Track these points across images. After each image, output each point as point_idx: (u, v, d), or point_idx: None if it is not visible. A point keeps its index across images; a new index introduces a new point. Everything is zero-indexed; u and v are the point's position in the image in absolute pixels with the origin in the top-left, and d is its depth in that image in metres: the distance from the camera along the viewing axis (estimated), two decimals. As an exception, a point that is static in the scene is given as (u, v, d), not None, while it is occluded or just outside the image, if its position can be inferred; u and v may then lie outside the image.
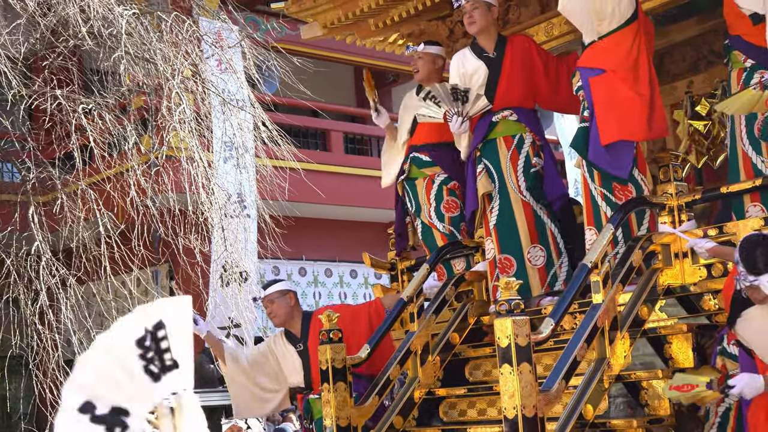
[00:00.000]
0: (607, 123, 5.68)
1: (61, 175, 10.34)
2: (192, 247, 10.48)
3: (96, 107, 10.08)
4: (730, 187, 5.52)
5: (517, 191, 6.60)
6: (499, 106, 6.68)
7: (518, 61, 6.68)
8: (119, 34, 10.14)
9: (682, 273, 5.59)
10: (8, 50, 9.80)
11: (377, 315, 6.82)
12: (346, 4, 7.36)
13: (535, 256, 6.56)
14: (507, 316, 4.78)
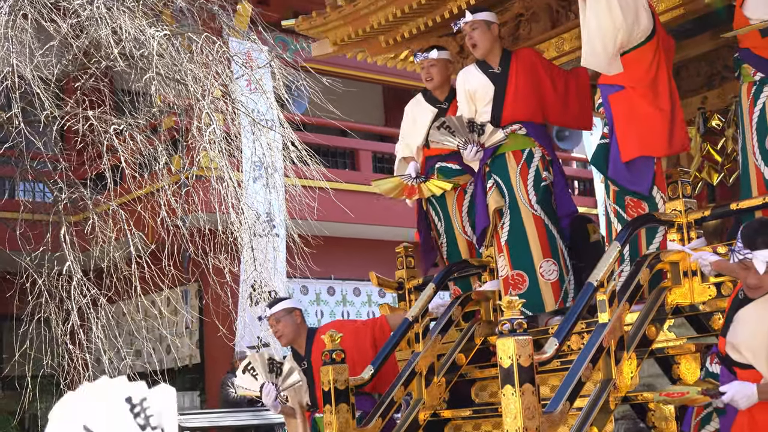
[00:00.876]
0: (628, 139, 5.62)
1: (92, 195, 10.42)
2: (222, 267, 10.52)
3: (127, 128, 10.15)
4: (741, 204, 5.41)
5: (527, 205, 6.53)
6: (507, 120, 6.60)
7: (524, 74, 6.60)
8: (150, 55, 10.23)
9: (691, 292, 5.50)
10: (41, 72, 9.90)
11: (382, 334, 6.70)
12: (356, 21, 7.32)
13: (548, 270, 6.49)
14: (509, 336, 4.71)
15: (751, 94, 5.36)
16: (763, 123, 5.31)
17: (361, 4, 7.11)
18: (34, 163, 10.62)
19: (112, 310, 10.14)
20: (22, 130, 9.57)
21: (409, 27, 7.26)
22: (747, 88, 5.45)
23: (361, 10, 7.18)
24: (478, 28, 6.51)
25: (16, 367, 10.36)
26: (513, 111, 6.57)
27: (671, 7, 6.09)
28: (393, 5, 6.97)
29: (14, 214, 10.98)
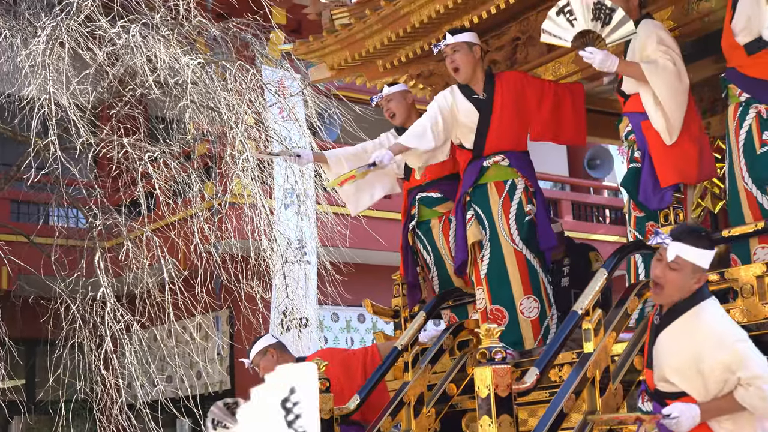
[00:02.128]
0: (665, 166, 5.47)
1: (126, 221, 10.51)
2: (253, 294, 10.56)
3: (161, 155, 10.25)
4: (733, 230, 5.24)
5: (509, 240, 6.25)
6: (490, 150, 6.30)
7: (510, 100, 6.28)
8: (185, 83, 10.35)
9: None
10: (77, 99, 10.03)
11: (372, 362, 6.51)
12: (353, 45, 7.22)
13: (529, 307, 6.22)
14: (487, 365, 4.59)
15: (737, 116, 5.23)
16: (750, 145, 5.19)
17: (356, 28, 7.03)
18: (69, 189, 10.73)
19: (145, 335, 10.21)
20: (59, 157, 9.68)
21: (406, 51, 7.14)
22: (733, 109, 5.28)
23: (357, 35, 7.09)
24: (459, 51, 6.20)
25: (50, 392, 10.45)
26: (497, 141, 6.29)
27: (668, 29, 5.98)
28: (387, 29, 6.87)
29: (49, 239, 11.10)
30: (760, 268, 4.94)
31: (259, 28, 11.14)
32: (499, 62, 7.03)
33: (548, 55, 6.76)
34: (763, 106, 5.11)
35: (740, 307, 4.92)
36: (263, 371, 6.50)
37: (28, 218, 13.98)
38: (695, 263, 4.06)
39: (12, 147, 13.21)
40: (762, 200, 5.13)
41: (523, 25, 6.89)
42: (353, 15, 7.08)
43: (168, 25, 10.58)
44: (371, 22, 6.88)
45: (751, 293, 4.90)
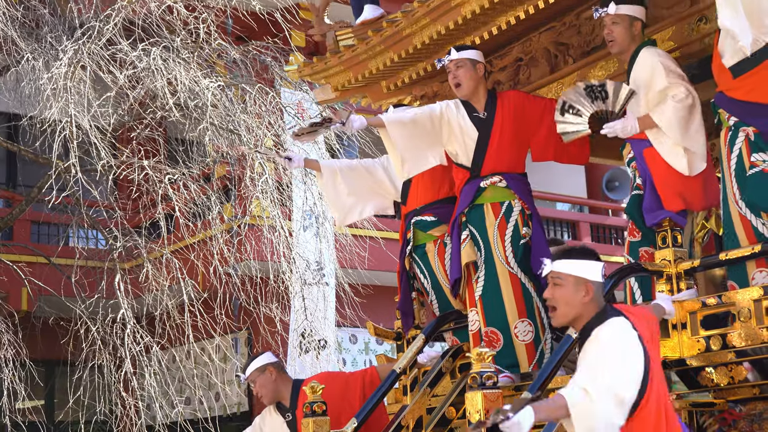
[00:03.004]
0: (670, 194, 5.42)
1: (146, 243, 10.56)
2: (272, 315, 10.59)
3: (181, 177, 10.31)
4: (730, 254, 5.18)
5: (504, 262, 6.19)
6: (488, 171, 6.23)
7: (510, 120, 6.24)
8: (205, 105, 10.42)
9: (680, 345, 5.27)
10: (98, 122, 10.11)
11: (371, 385, 6.42)
12: (356, 66, 7.22)
13: (524, 330, 6.15)
14: (478, 390, 4.55)
15: (728, 140, 5.19)
16: (741, 168, 5.14)
17: (360, 49, 7.05)
18: (90, 210, 10.80)
19: (164, 357, 10.24)
20: (79, 179, 9.75)
21: (409, 72, 7.14)
22: (724, 133, 5.23)
23: (360, 56, 7.10)
24: (463, 67, 6.17)
25: (69, 413, 10.48)
26: (495, 162, 6.23)
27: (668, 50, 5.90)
28: (390, 51, 6.88)
29: (69, 260, 11.17)
30: (757, 292, 4.89)
31: (279, 51, 11.21)
32: (503, 83, 7.00)
33: (551, 75, 6.73)
34: (750, 129, 5.07)
35: (738, 332, 4.87)
36: (260, 389, 6.46)
37: (48, 239, 14.06)
38: (576, 275, 4.09)
39: (33, 169, 13.32)
40: (756, 223, 5.09)
41: (525, 46, 6.85)
42: (357, 36, 7.10)
43: (188, 48, 10.67)
44: (374, 44, 6.90)
45: (748, 317, 4.84)
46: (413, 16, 6.46)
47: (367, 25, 7.07)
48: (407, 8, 6.58)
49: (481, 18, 6.27)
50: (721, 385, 4.99)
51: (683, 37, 5.74)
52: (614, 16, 5.53)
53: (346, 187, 6.82)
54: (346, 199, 6.84)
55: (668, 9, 5.79)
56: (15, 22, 10.72)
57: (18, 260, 11.56)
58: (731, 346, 4.87)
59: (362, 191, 6.86)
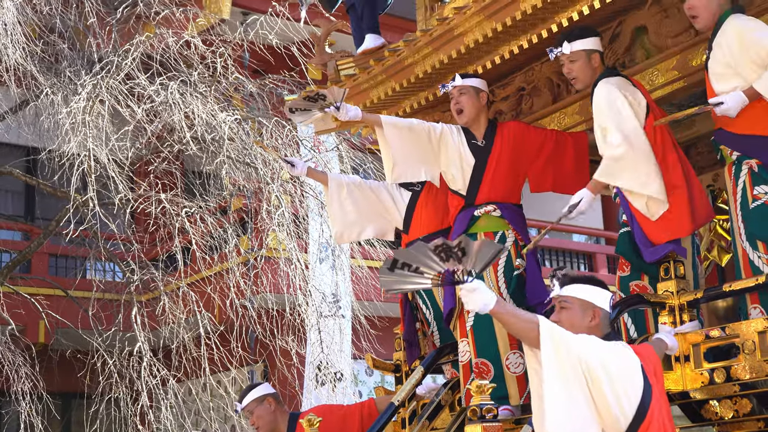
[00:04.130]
0: (654, 229, 5.30)
1: (163, 276, 10.60)
2: (288, 348, 10.59)
3: (198, 210, 10.36)
4: (733, 285, 5.08)
5: (496, 293, 6.18)
6: (483, 200, 6.17)
7: (508, 150, 6.19)
8: (222, 139, 10.49)
9: (684, 378, 5.10)
10: (116, 155, 10.19)
11: (369, 418, 6.32)
12: (358, 96, 7.14)
13: (515, 362, 6.04)
14: (477, 423, 4.49)
15: (732, 175, 5.12)
16: (746, 203, 5.07)
17: (361, 79, 7.00)
18: (107, 244, 10.85)
19: (181, 390, 10.24)
20: (97, 213, 9.81)
21: (411, 101, 7.07)
22: (728, 169, 5.16)
23: (361, 85, 7.04)
24: (466, 94, 6.17)
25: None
26: (490, 191, 6.18)
27: (672, 80, 5.82)
28: (392, 80, 6.81)
29: (86, 293, 11.20)
30: (762, 324, 4.81)
31: (295, 84, 11.28)
32: (505, 112, 6.94)
33: (553, 105, 6.69)
34: (754, 161, 5.03)
35: (742, 364, 4.79)
36: (257, 420, 6.36)
37: (65, 272, 14.12)
38: (583, 299, 4.11)
39: (51, 202, 13.40)
40: (753, 257, 5.03)
41: (528, 76, 6.81)
42: (358, 65, 7.07)
43: (205, 82, 10.76)
44: (375, 73, 6.86)
45: (753, 350, 4.77)
46: (415, 45, 6.43)
47: (368, 54, 7.04)
48: (409, 37, 6.55)
49: (484, 47, 6.25)
50: (725, 419, 4.93)
51: (687, 67, 5.70)
52: (570, 55, 5.50)
53: (351, 203, 6.72)
54: (348, 215, 6.74)
55: (672, 38, 5.72)
56: (34, 57, 10.84)
57: (36, 293, 11.61)
58: (735, 379, 4.80)
59: (365, 210, 6.76)
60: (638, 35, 5.93)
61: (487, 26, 6.00)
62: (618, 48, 6.02)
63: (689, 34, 5.65)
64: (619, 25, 5.95)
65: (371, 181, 6.95)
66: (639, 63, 5.87)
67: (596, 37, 5.58)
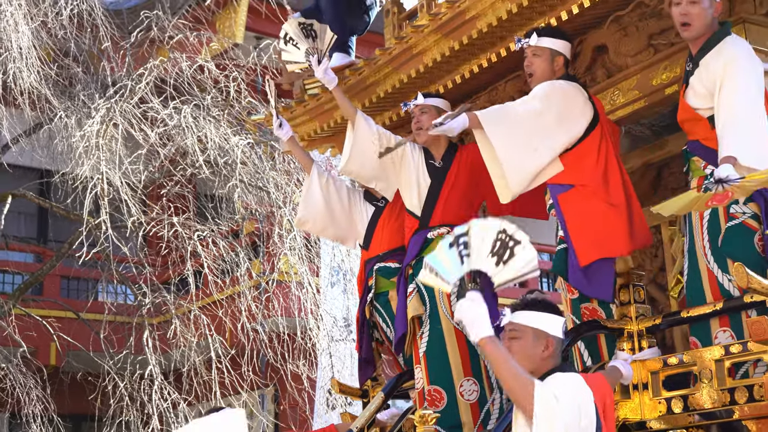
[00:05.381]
0: (584, 242, 5.10)
1: (175, 299, 10.62)
2: (299, 372, 10.58)
3: (210, 234, 10.38)
4: (692, 311, 4.87)
5: (449, 317, 5.90)
6: (437, 222, 6.02)
7: (466, 172, 6.10)
8: (234, 162, 10.52)
9: (642, 407, 4.88)
10: (129, 178, 10.23)
11: None
12: (322, 116, 6.96)
13: (468, 390, 5.88)
14: None
15: (702, 190, 4.77)
16: (715, 220, 4.83)
17: (324, 98, 6.81)
18: (119, 266, 10.88)
19: (191, 413, 10.23)
20: (110, 236, 9.84)
21: (376, 121, 6.87)
22: (697, 183, 4.87)
23: (324, 105, 6.85)
24: (427, 113, 6.04)
25: (97, 469, 10.49)
26: (444, 213, 6.04)
27: (633, 99, 5.64)
28: (354, 99, 6.51)
29: (98, 315, 11.22)
30: (718, 352, 4.63)
31: (307, 109, 11.32)
32: (470, 133, 6.81)
33: None
34: None
35: (700, 393, 4.63)
36: None
37: (77, 295, 14.16)
38: (536, 327, 3.87)
39: (64, 225, 13.44)
40: (722, 279, 4.78)
41: (492, 95, 6.58)
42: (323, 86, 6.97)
43: (219, 106, 10.81)
44: None
45: (710, 378, 4.59)
46: (376, 64, 6.29)
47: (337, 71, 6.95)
48: (371, 57, 6.42)
49: (444, 66, 6.13)
50: None
51: (648, 86, 5.52)
52: (535, 48, 5.35)
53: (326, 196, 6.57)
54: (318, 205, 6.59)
55: (632, 57, 5.54)
56: (49, 80, 10.90)
57: (47, 315, 11.64)
58: (693, 409, 4.63)
59: (336, 210, 6.62)
60: (598, 54, 5.77)
61: (445, 45, 5.88)
62: (579, 67, 5.78)
63: (648, 52, 5.48)
64: (580, 44, 5.74)
65: (349, 185, 6.87)
66: (600, 82, 5.70)
67: (566, 41, 5.45)
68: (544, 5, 5.43)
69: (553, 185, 5.29)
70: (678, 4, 4.76)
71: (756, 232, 4.68)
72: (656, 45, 5.35)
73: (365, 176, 6.21)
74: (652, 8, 5.34)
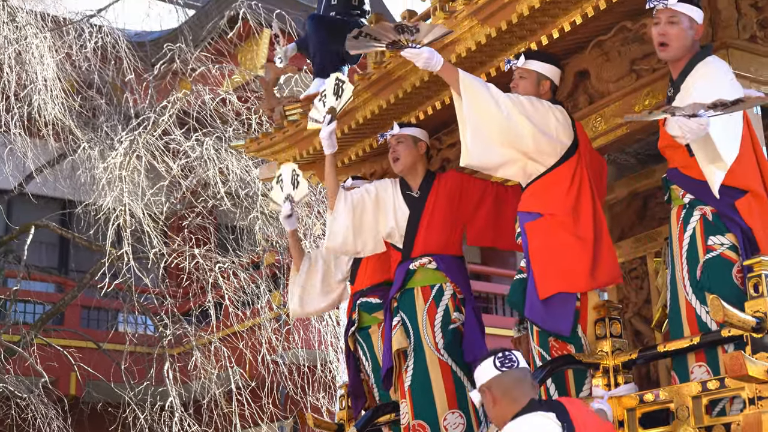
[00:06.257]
0: (545, 274, 4.95)
1: (195, 331, 10.65)
2: (319, 405, 10.57)
3: (231, 265, 10.42)
4: (668, 345, 4.73)
5: (433, 349, 5.80)
6: (419, 252, 5.89)
7: (444, 201, 5.98)
8: (255, 194, 10.56)
9: None
10: (151, 210, 10.29)
11: None
12: (302, 142, 6.80)
13: (453, 423, 5.74)
14: None
15: (681, 219, 4.74)
16: (694, 251, 4.67)
17: (303, 124, 6.66)
18: (141, 297, 10.92)
19: (212, 447, 10.24)
20: (132, 267, 9.88)
21: (356, 149, 6.72)
22: (677, 212, 4.75)
23: (304, 131, 6.78)
24: (403, 143, 5.97)
25: (116, 501, 10.48)
26: (425, 243, 5.92)
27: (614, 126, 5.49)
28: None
29: (118, 346, 11.25)
30: (696, 388, 4.45)
31: (328, 140, 11.36)
32: (452, 160, 6.48)
33: None
34: (708, 208, 4.65)
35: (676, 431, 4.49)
36: None
37: (97, 325, 14.19)
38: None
39: (85, 255, 13.51)
40: (700, 312, 4.63)
41: None
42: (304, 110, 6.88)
43: (240, 138, 10.86)
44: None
45: (686, 416, 4.43)
46: (355, 89, 6.08)
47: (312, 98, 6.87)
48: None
49: (424, 92, 5.99)
50: None
51: (630, 112, 5.31)
52: (522, 70, 5.25)
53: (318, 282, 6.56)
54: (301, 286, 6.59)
55: (614, 83, 5.39)
56: (72, 112, 11.00)
57: (68, 345, 11.67)
58: None
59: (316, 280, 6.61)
60: (580, 80, 5.63)
61: (424, 70, 5.60)
62: (561, 93, 5.60)
63: (631, 78, 5.33)
64: (561, 69, 5.51)
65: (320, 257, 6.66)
66: (582, 108, 5.55)
67: (554, 66, 5.35)
68: (524, 30, 5.34)
69: (522, 213, 5.16)
70: (657, 24, 4.63)
71: (735, 264, 4.55)
72: (638, 70, 5.17)
73: (350, 251, 6.10)
74: (635, 32, 5.21)
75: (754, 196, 4.56)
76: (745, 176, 4.56)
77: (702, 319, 4.58)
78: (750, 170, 4.58)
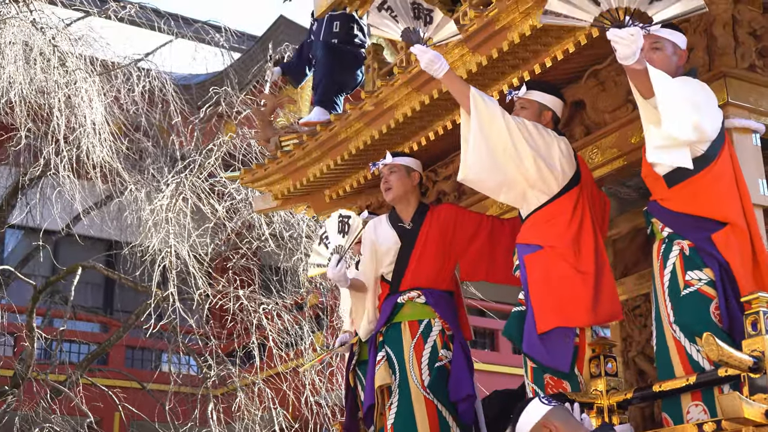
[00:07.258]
0: (544, 307, 4.80)
1: (239, 372, 10.68)
2: (362, 447, 10.53)
3: (274, 306, 10.47)
4: (664, 385, 4.52)
5: (419, 386, 5.61)
6: (407, 285, 5.72)
7: (436, 234, 5.81)
8: (299, 236, 10.63)
9: None
10: (196, 251, 10.38)
11: None
12: (295, 173, 6.73)
13: None
14: None
15: (661, 253, 4.59)
16: (675, 288, 4.53)
17: (297, 155, 6.50)
18: (185, 338, 10.99)
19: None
20: (177, 307, 9.96)
21: (351, 180, 6.64)
22: (657, 246, 4.61)
23: (297, 162, 6.55)
24: (396, 172, 5.84)
25: None
26: (414, 276, 5.76)
27: (611, 158, 5.40)
28: (327, 157, 6.31)
29: (162, 386, 11.31)
30: (691, 430, 4.29)
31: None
32: (448, 193, 6.39)
33: None
34: (686, 242, 4.52)
35: None
36: None
37: (141, 365, 14.28)
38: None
39: (130, 295, 13.64)
40: (691, 350, 4.47)
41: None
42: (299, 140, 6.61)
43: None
44: (310, 149, 6.48)
45: None
46: (346, 119, 6.06)
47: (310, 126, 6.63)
48: (342, 112, 6.26)
49: (417, 122, 5.90)
50: None
51: (626, 144, 5.27)
52: (523, 100, 5.13)
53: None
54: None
55: (610, 113, 5.31)
56: (119, 154, 11.16)
57: (112, 385, 11.75)
58: None
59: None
60: (576, 110, 5.53)
61: (416, 99, 5.64)
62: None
63: (626, 108, 5.21)
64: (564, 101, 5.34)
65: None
66: (578, 139, 5.45)
67: (557, 98, 5.22)
68: (516, 58, 5.25)
69: (521, 245, 5.03)
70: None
71: (713, 300, 4.40)
72: (634, 101, 5.04)
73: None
74: (630, 62, 5.15)
75: (733, 229, 4.41)
76: (724, 208, 4.44)
77: (693, 358, 4.45)
78: (730, 202, 4.45)
